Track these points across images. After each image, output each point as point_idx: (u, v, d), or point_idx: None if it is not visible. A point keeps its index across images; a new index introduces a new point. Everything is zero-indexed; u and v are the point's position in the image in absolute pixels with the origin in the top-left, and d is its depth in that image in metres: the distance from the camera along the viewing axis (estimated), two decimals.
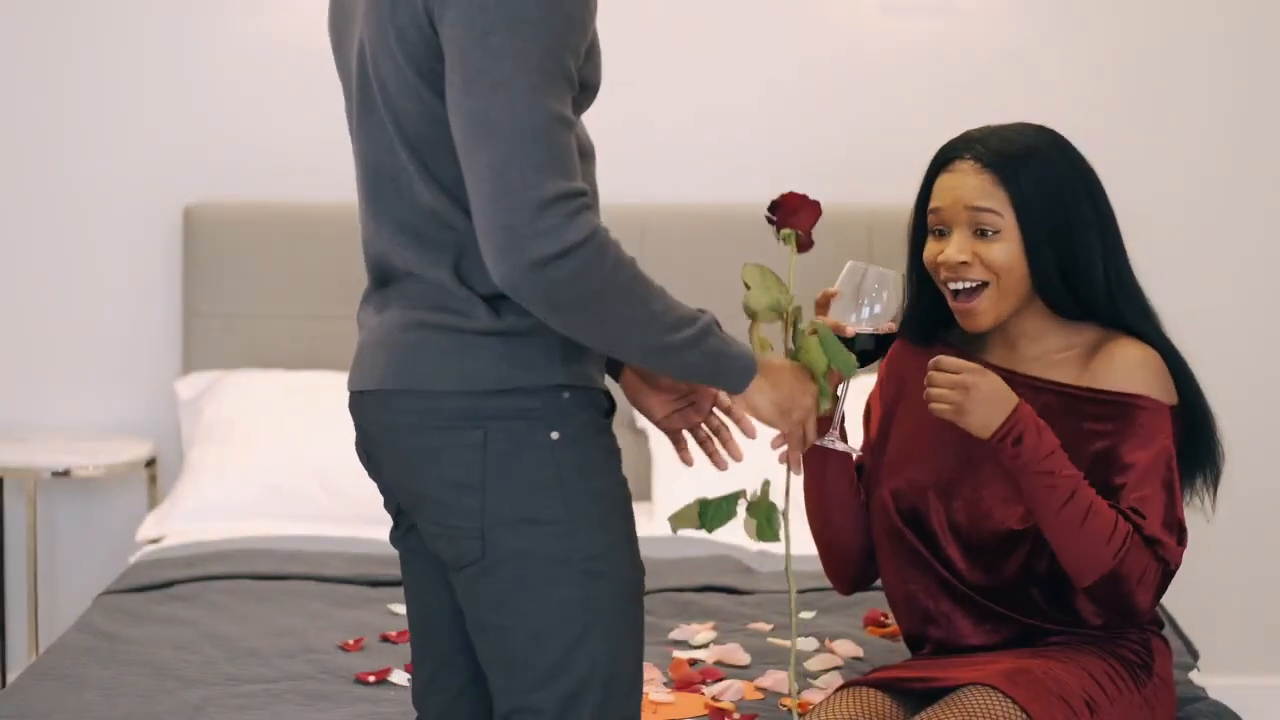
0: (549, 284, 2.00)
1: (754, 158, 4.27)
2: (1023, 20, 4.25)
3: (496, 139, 1.99)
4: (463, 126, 2.02)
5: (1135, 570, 2.49)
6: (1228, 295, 4.30)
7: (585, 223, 2.01)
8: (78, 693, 2.83)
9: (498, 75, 1.99)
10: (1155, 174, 4.25)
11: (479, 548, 2.13)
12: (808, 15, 4.25)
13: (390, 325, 2.18)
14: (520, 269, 1.99)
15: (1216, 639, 4.18)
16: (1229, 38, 4.25)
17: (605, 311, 2.04)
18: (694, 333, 2.11)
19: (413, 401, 2.14)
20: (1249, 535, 4.31)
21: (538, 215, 1.98)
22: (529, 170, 1.98)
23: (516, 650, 2.14)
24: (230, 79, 4.25)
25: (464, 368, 2.11)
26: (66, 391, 4.30)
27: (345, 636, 3.13)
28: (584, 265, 2.01)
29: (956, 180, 2.61)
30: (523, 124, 1.99)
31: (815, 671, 2.95)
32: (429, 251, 2.14)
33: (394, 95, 2.11)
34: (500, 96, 1.99)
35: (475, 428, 2.11)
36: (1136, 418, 2.56)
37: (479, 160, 2.00)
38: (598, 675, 2.14)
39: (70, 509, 4.34)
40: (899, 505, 2.67)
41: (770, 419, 2.22)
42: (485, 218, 2.00)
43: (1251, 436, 4.21)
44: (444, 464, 2.13)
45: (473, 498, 2.12)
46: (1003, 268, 2.58)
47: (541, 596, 2.12)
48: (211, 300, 4.20)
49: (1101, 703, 2.54)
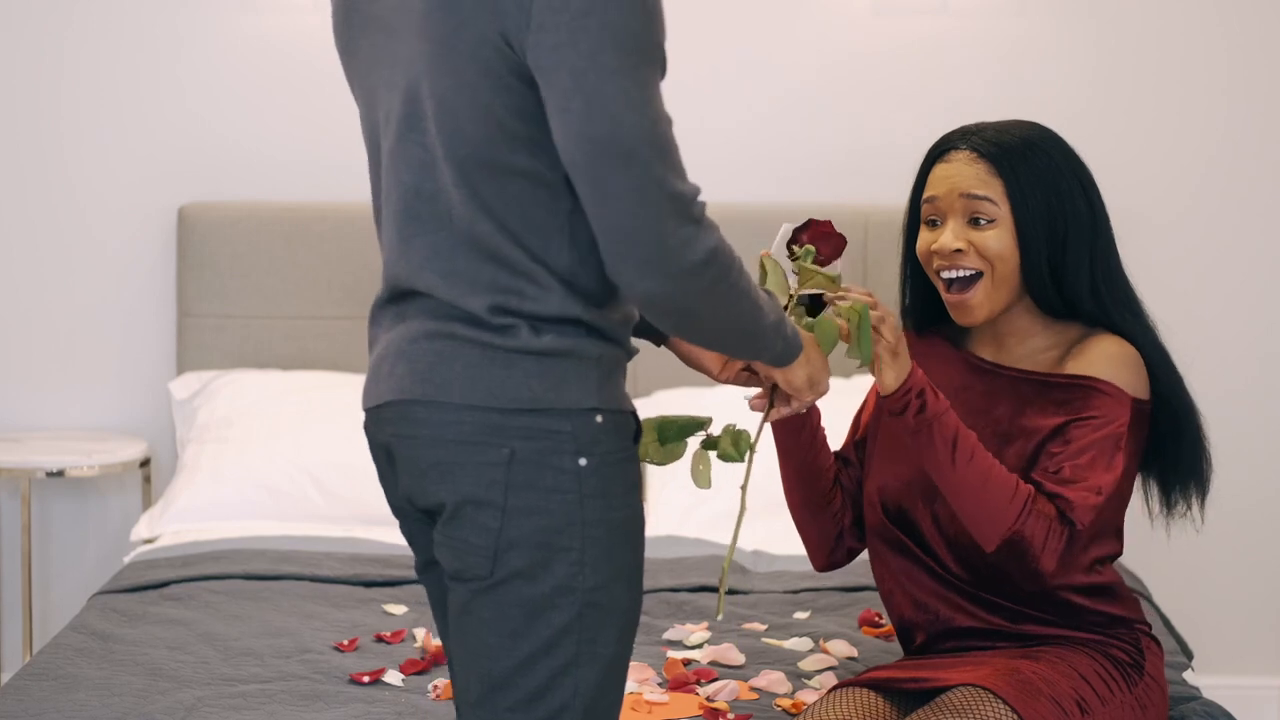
0: (699, 289, 2.01)
1: (749, 158, 4.27)
2: (1016, 20, 4.25)
3: (631, 159, 1.97)
4: (589, 151, 1.98)
5: (1039, 534, 2.49)
6: (1222, 294, 4.30)
7: (712, 224, 2.04)
8: (72, 693, 2.83)
9: (618, 94, 1.96)
10: (1148, 173, 4.25)
11: (488, 566, 2.08)
12: (802, 16, 4.25)
13: (412, 335, 2.11)
14: (670, 278, 1.99)
15: (1210, 639, 4.19)
16: (1222, 37, 4.26)
17: (729, 310, 2.07)
18: (775, 320, 2.16)
19: (434, 413, 2.08)
20: (1244, 535, 4.31)
21: (680, 225, 1.99)
22: (667, 182, 1.99)
23: (502, 670, 2.10)
24: (224, 80, 4.25)
25: (492, 383, 2.06)
26: (61, 392, 4.30)
27: (340, 637, 3.13)
28: (723, 268, 2.03)
29: (953, 169, 2.62)
30: (651, 138, 1.98)
31: (809, 671, 2.95)
32: (462, 282, 2.08)
33: (453, 115, 2.04)
34: (628, 118, 1.97)
35: (501, 445, 2.06)
36: (1092, 400, 2.56)
37: (612, 184, 1.97)
38: (579, 704, 2.10)
39: (65, 509, 4.33)
40: (884, 500, 2.68)
41: (801, 390, 2.31)
42: (625, 235, 1.98)
43: (1246, 435, 4.22)
44: (464, 480, 2.07)
45: (491, 516, 2.07)
46: (996, 256, 2.59)
47: (539, 622, 2.08)
48: (206, 300, 4.20)
49: (1093, 703, 2.54)
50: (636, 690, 2.86)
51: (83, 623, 3.18)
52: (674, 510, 3.87)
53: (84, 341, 4.29)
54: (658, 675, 2.94)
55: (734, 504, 3.79)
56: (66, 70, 4.24)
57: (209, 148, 4.26)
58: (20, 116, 4.25)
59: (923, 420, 2.48)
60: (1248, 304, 4.30)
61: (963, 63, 4.25)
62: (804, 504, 2.74)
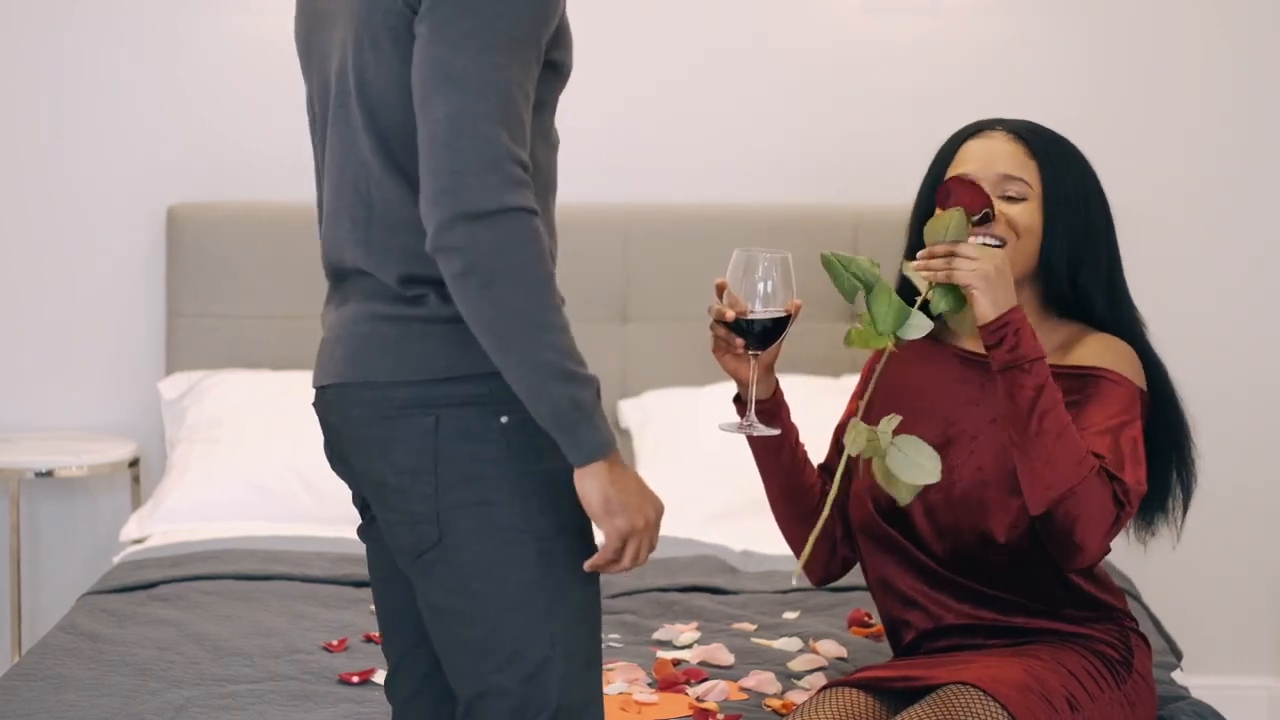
0: (474, 241, 2.03)
1: (739, 158, 4.27)
2: (1008, 20, 4.25)
3: (459, 88, 2.03)
4: (426, 74, 2.05)
5: (1094, 504, 2.47)
6: (1213, 293, 4.30)
7: (525, 195, 2.05)
8: (61, 693, 2.82)
9: (466, 28, 2.04)
10: (1142, 173, 4.25)
11: (436, 532, 2.16)
12: (792, 15, 4.25)
13: (346, 320, 2.22)
14: (453, 217, 2.03)
15: (1199, 639, 4.19)
16: (1216, 36, 4.26)
17: (508, 299, 2.05)
18: (578, 373, 2.08)
19: (367, 393, 2.18)
20: (1232, 536, 4.31)
21: (485, 168, 2.02)
22: (485, 122, 2.02)
23: (477, 633, 2.17)
24: (214, 80, 4.24)
25: (414, 357, 2.15)
26: (50, 392, 4.30)
27: (329, 637, 3.13)
28: (510, 235, 2.03)
29: (991, 145, 2.66)
30: (486, 78, 2.03)
31: (799, 671, 2.95)
32: (377, 247, 2.17)
33: (373, 86, 2.14)
34: (467, 48, 2.03)
35: (427, 414, 2.14)
36: (1101, 388, 2.59)
37: (437, 107, 2.04)
38: (558, 652, 2.16)
39: (53, 509, 4.33)
40: (875, 493, 2.68)
41: (594, 510, 2.13)
42: (433, 161, 2.04)
43: (1235, 436, 4.22)
44: (398, 451, 2.16)
45: (426, 483, 2.15)
46: (1024, 228, 2.62)
47: (498, 577, 2.15)
48: (195, 300, 4.19)
49: (1083, 700, 2.55)
50: (626, 690, 2.86)
51: (72, 623, 3.17)
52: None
53: (73, 341, 4.29)
54: (647, 675, 2.94)
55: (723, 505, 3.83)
56: (56, 70, 4.23)
57: (199, 148, 4.26)
58: (10, 116, 4.24)
59: (1014, 357, 2.48)
60: (1234, 302, 4.30)
61: (953, 62, 4.25)
62: (794, 520, 2.74)
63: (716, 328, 2.52)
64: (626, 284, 4.16)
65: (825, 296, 4.26)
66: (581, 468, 2.11)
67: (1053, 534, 2.52)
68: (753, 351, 2.52)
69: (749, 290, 2.46)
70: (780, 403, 2.66)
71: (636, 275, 4.17)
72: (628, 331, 4.16)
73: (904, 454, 2.44)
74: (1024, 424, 2.48)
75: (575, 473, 2.12)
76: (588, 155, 4.26)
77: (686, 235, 4.17)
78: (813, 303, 4.20)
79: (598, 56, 4.25)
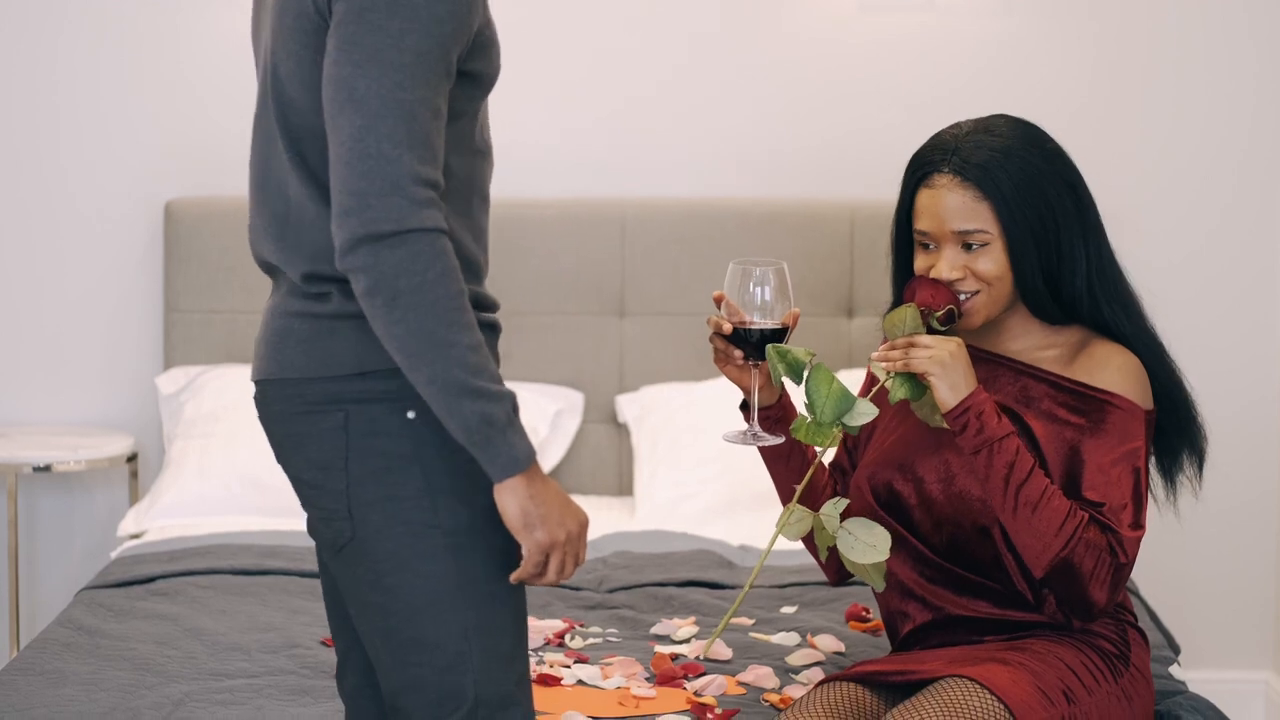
0: (377, 262, 2.03)
1: (734, 153, 4.27)
2: (1003, 17, 4.26)
3: (361, 109, 2.04)
4: (332, 94, 2.06)
5: (1089, 562, 2.51)
6: (1210, 293, 4.30)
7: (431, 215, 2.05)
8: (59, 688, 2.83)
9: (370, 48, 2.04)
10: (1139, 171, 4.26)
11: (349, 527, 2.17)
12: (789, 12, 4.25)
13: (268, 316, 2.25)
14: (356, 238, 2.04)
15: (1197, 633, 4.20)
16: (1214, 34, 4.26)
17: (413, 318, 2.05)
18: (488, 390, 2.08)
19: (284, 389, 2.20)
20: (1230, 530, 4.32)
21: (388, 190, 2.03)
22: (388, 144, 2.03)
23: (394, 626, 2.18)
24: (211, 75, 4.24)
25: (322, 353, 2.17)
26: (47, 387, 4.30)
27: (327, 632, 3.13)
28: (414, 255, 2.04)
29: (939, 199, 2.61)
30: (388, 99, 2.04)
31: (797, 666, 2.96)
32: (290, 243, 2.18)
33: (285, 85, 2.15)
34: (370, 69, 2.04)
35: (337, 410, 2.16)
36: (1109, 416, 2.58)
37: (342, 128, 2.05)
38: (473, 646, 2.16)
39: (51, 504, 4.33)
40: (874, 483, 2.69)
41: (513, 524, 2.12)
42: (339, 181, 2.05)
43: (1233, 431, 4.22)
44: (311, 447, 2.19)
45: (338, 478, 2.17)
46: (994, 277, 2.61)
47: (411, 571, 2.16)
48: (192, 295, 4.19)
49: (1079, 693, 2.55)
50: (624, 685, 2.86)
51: (69, 618, 3.18)
52: (660, 505, 3.87)
53: (71, 336, 4.29)
54: (645, 670, 2.94)
55: (720, 499, 3.83)
56: (53, 66, 4.23)
57: (196, 143, 4.25)
58: (6, 112, 4.24)
59: (980, 440, 2.51)
60: (1232, 301, 4.31)
61: (949, 59, 4.25)
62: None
63: (715, 339, 2.53)
64: (623, 278, 4.16)
65: (821, 294, 4.27)
66: (499, 483, 2.10)
67: (1059, 593, 2.56)
68: (753, 362, 2.53)
69: (746, 301, 2.48)
70: (787, 407, 2.65)
71: (633, 270, 4.17)
72: (625, 326, 4.16)
73: (854, 536, 2.48)
74: (1001, 501, 2.52)
75: (494, 488, 2.12)
76: (585, 150, 4.27)
77: (684, 230, 4.17)
78: (810, 301, 4.23)
79: (594, 53, 4.25)
